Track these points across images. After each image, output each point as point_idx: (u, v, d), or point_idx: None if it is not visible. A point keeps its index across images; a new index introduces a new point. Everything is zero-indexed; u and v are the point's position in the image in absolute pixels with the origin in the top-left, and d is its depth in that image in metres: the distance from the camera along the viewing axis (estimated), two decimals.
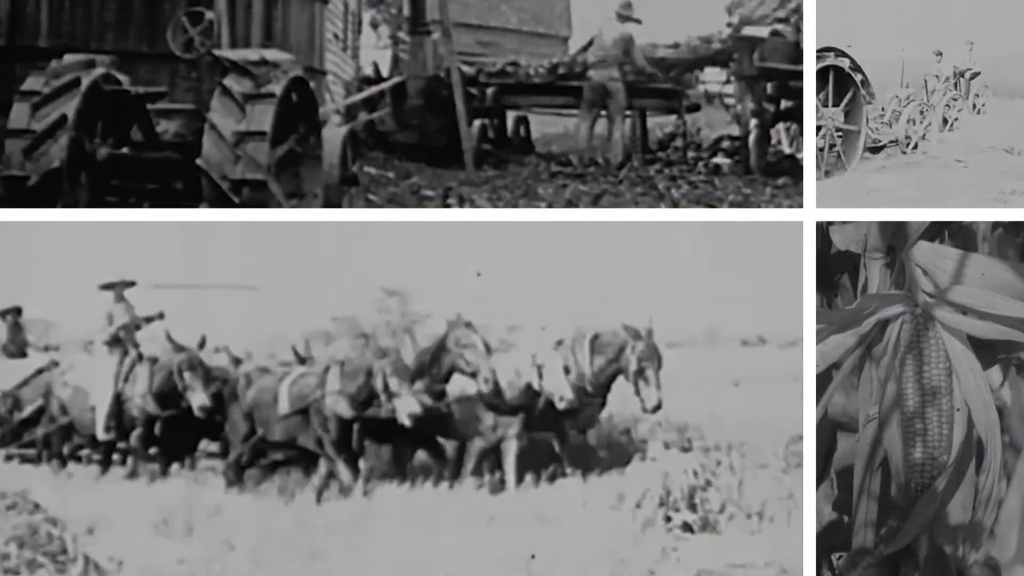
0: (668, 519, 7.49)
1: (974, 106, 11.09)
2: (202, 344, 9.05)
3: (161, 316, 9.27)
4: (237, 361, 9.31)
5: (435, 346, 8.76)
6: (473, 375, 8.65)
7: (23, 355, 9.94)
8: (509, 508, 8.05)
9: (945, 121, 10.74)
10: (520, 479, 8.58)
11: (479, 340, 8.66)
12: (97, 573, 6.86)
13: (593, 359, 8.84)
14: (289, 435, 8.90)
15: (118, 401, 9.11)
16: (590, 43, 15.60)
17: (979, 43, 10.88)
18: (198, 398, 8.86)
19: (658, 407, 8.70)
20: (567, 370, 8.80)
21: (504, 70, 15.46)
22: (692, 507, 7.54)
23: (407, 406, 8.44)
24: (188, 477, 8.94)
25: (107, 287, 9.27)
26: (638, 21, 15.07)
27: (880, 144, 10.39)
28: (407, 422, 8.44)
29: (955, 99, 10.87)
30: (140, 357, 9.19)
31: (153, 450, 9.11)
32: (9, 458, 9.32)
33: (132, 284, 9.29)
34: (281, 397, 8.92)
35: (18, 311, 9.94)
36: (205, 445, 9.30)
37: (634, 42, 14.92)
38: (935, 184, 9.75)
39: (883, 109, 10.52)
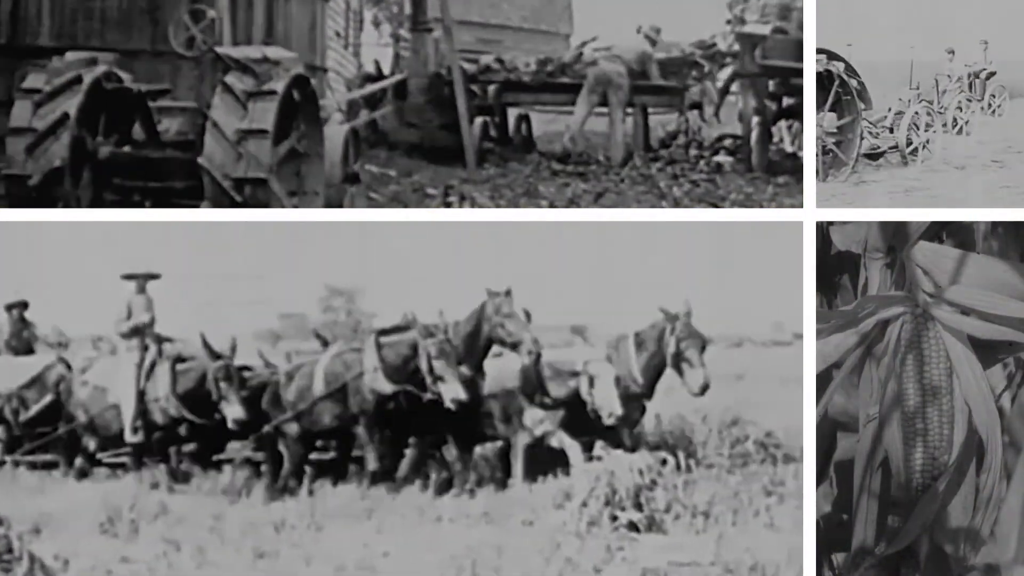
0: (614, 518, 7.43)
1: (990, 107, 10.87)
2: (234, 348, 8.80)
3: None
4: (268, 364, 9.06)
5: (474, 316, 8.49)
6: (514, 346, 8.39)
7: (30, 351, 9.80)
8: (455, 508, 8.02)
9: (955, 124, 10.54)
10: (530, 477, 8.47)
11: (520, 310, 8.41)
12: (43, 572, 6.82)
13: (639, 357, 8.53)
14: (332, 419, 8.64)
15: (142, 399, 8.90)
16: (586, 42, 15.62)
17: (994, 42, 10.67)
18: (234, 411, 8.62)
19: (706, 387, 8.32)
20: (618, 381, 8.50)
21: (488, 67, 15.44)
22: (638, 506, 7.48)
23: (452, 391, 8.28)
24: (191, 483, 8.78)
25: (129, 277, 9.10)
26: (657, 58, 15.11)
27: (879, 150, 10.21)
28: (452, 406, 8.29)
29: (968, 100, 10.63)
30: (160, 353, 8.97)
31: (183, 452, 8.95)
32: (17, 464, 9.19)
33: (156, 276, 9.12)
34: (316, 378, 8.67)
35: (24, 305, 9.77)
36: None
37: (653, 59, 14.95)
38: (944, 186, 9.63)
39: (889, 108, 10.27)
